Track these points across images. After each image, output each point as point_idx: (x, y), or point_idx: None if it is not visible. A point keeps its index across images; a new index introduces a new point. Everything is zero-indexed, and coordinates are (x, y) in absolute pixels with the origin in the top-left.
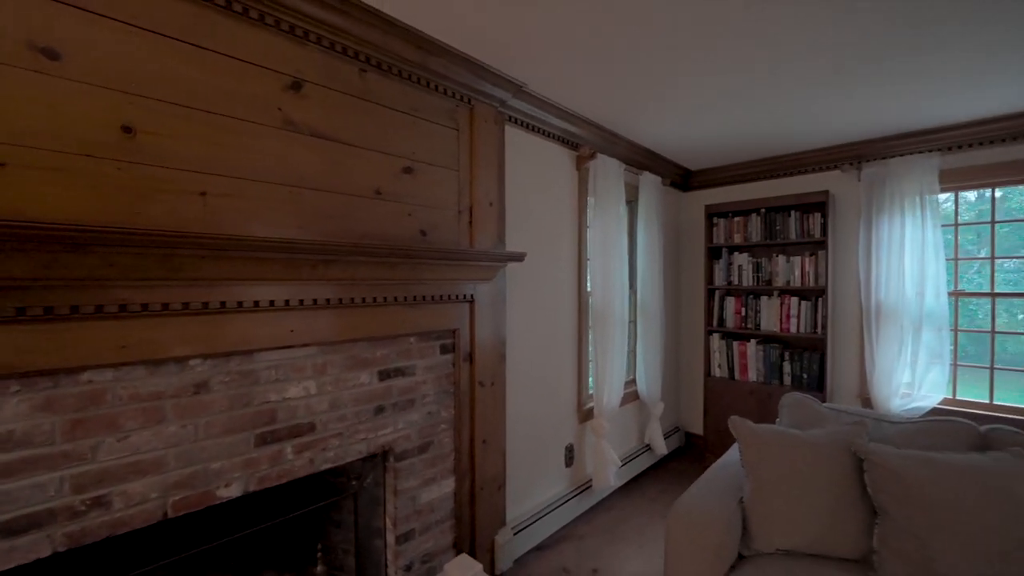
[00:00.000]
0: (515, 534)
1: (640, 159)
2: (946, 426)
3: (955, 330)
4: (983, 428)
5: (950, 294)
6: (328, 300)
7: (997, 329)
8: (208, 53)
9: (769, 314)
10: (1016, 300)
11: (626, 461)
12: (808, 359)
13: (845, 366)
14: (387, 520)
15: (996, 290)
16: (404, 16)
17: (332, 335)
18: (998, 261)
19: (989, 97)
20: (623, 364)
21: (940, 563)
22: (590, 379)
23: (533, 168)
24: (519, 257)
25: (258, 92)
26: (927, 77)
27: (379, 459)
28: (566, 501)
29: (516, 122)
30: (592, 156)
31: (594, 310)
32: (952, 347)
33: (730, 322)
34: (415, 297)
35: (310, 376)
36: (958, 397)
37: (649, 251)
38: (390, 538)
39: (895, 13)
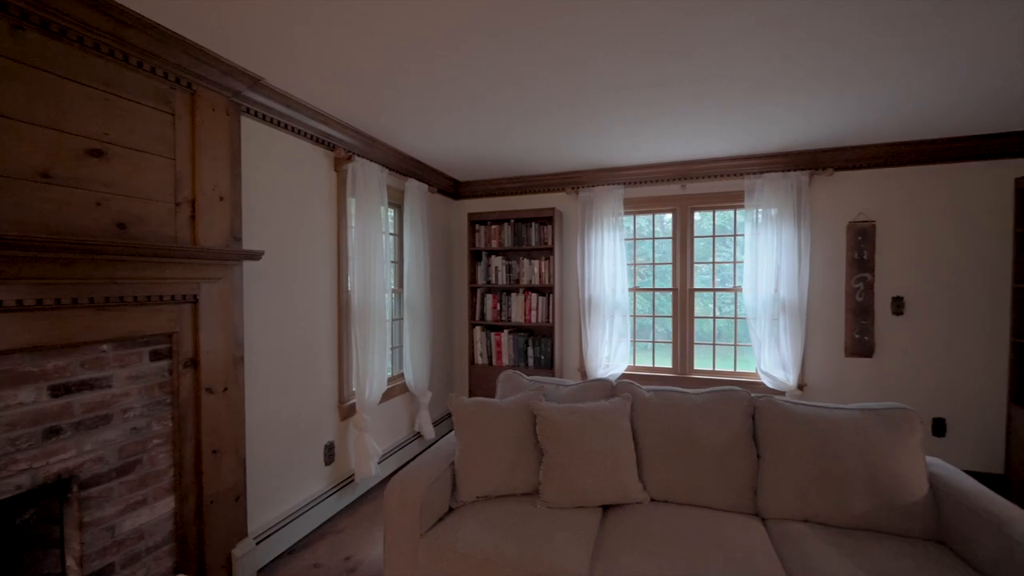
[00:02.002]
0: (259, 543)
1: (406, 166)
2: (595, 384)
3: (633, 316)
4: (616, 382)
5: (630, 290)
6: None
7: (657, 315)
8: None
9: (517, 308)
10: (664, 293)
11: (396, 450)
12: (544, 343)
13: (570, 347)
14: (68, 560)
15: (657, 286)
16: None
17: None
18: (657, 266)
19: (651, 149)
20: (385, 360)
21: (575, 481)
22: (354, 376)
23: (282, 165)
24: (255, 255)
25: None
26: (608, 132)
27: (53, 490)
28: (326, 498)
29: (259, 116)
30: (349, 159)
31: (355, 309)
32: (632, 328)
33: (489, 316)
34: (108, 299)
35: None
36: (637, 364)
37: (416, 253)
38: None
39: (592, 100)
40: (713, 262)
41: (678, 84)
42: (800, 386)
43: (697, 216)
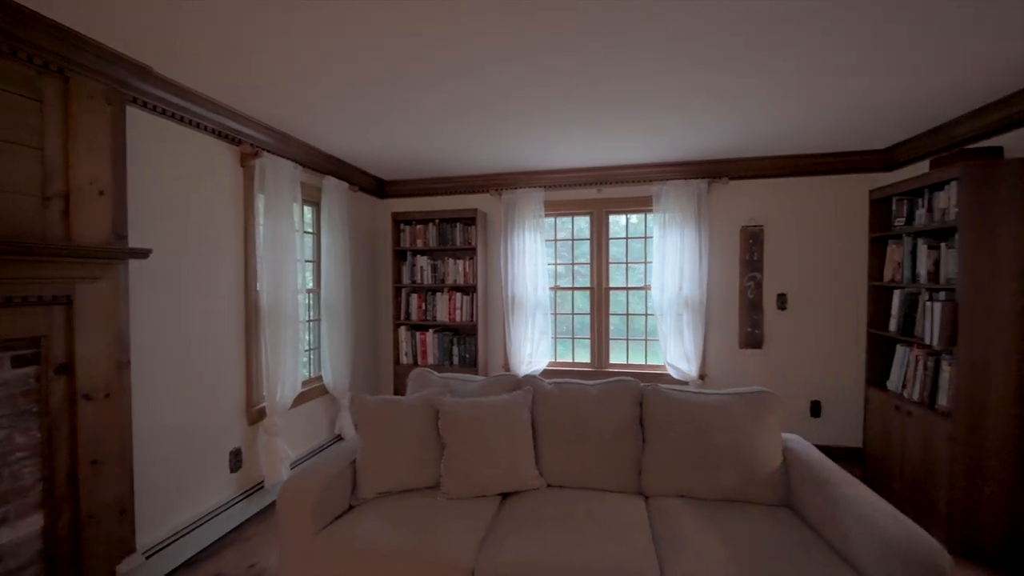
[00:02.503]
0: (150, 557)
1: (323, 163)
2: (500, 379)
3: (554, 314)
4: (521, 376)
5: (551, 289)
6: None
7: (576, 312)
8: None
9: (442, 307)
10: (583, 292)
11: (314, 454)
12: (469, 342)
13: (495, 345)
14: None
15: (576, 285)
16: None
17: None
18: (576, 266)
19: (568, 154)
20: (299, 361)
21: (475, 473)
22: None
23: (178, 159)
24: (142, 253)
25: None
26: (531, 137)
27: None
28: (232, 506)
29: (150, 107)
30: (256, 154)
31: (264, 309)
32: (553, 326)
33: (414, 315)
34: None
35: None
36: (558, 360)
37: (334, 252)
38: None
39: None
40: (626, 262)
41: (584, 96)
42: (702, 376)
43: (612, 219)
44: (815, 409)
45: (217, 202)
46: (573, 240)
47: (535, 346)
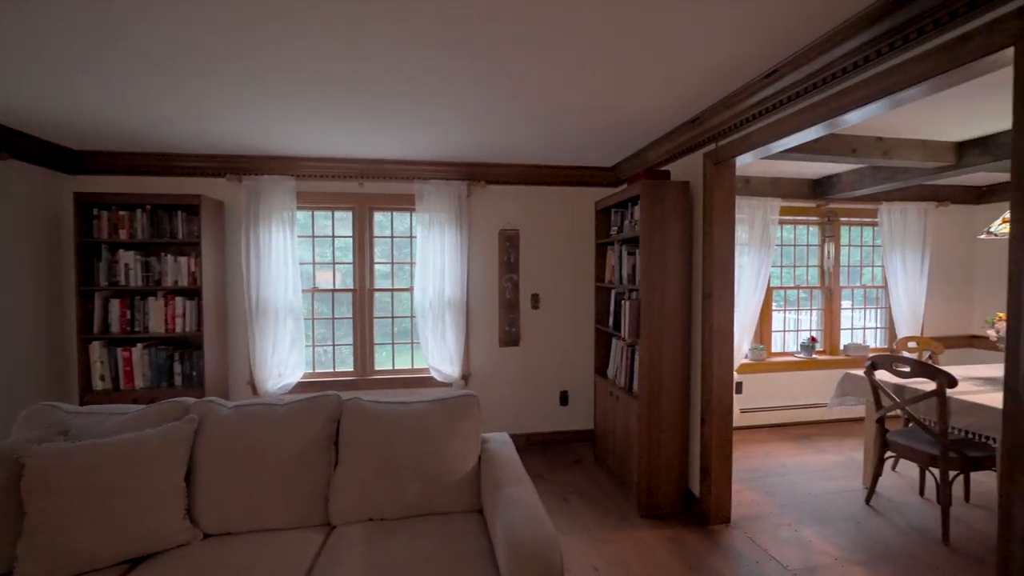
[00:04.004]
0: None
1: None
2: (160, 408)
3: (312, 319)
4: (193, 403)
5: (306, 291)
6: None
7: (337, 316)
8: None
9: (156, 315)
10: (344, 294)
11: None
12: (197, 357)
13: (238, 357)
14: None
15: (337, 287)
16: None
17: None
18: (337, 265)
19: (323, 141)
20: None
21: (74, 544)
22: None
23: None
24: None
25: None
26: (273, 113)
27: None
28: None
29: None
30: None
31: None
32: (310, 333)
33: (115, 326)
34: None
35: None
36: (317, 370)
37: None
38: None
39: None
40: (392, 263)
41: (324, 74)
42: (464, 376)
43: (378, 217)
44: (564, 398)
45: None
46: (334, 237)
47: (286, 357)
